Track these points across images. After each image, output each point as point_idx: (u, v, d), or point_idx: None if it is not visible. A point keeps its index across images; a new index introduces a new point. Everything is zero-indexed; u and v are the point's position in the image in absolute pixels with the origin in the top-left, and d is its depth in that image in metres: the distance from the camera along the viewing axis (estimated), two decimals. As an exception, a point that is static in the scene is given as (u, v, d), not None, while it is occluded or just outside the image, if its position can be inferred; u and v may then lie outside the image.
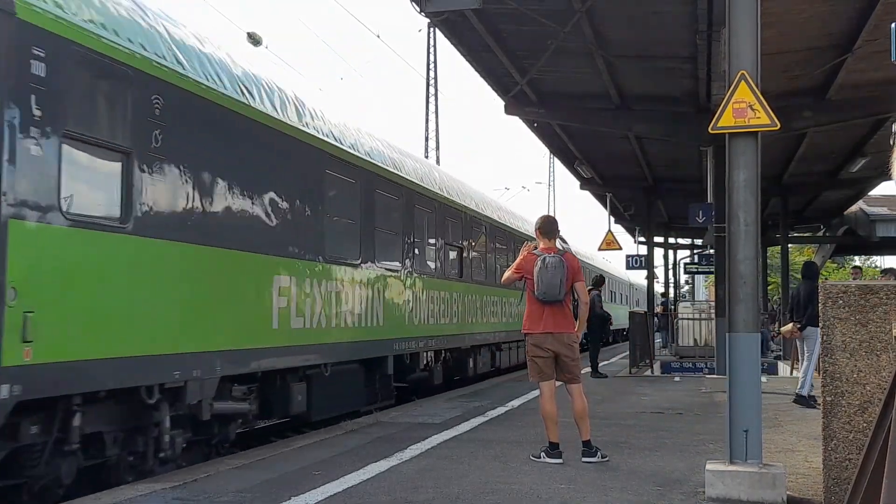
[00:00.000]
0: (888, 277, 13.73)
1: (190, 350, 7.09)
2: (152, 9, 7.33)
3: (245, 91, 8.22)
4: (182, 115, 7.13)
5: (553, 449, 7.44)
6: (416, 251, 12.86)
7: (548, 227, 7.68)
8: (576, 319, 7.68)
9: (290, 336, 8.83)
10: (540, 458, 7.41)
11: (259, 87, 8.62)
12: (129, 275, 6.45)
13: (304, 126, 9.34)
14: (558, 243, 7.70)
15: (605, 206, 28.14)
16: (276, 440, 10.32)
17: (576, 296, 7.63)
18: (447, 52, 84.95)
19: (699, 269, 37.01)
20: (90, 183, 6.31)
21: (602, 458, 7.41)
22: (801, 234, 38.64)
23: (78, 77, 6.03)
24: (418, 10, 12.31)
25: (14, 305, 5.35)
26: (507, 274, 7.81)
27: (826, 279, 31.91)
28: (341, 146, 10.25)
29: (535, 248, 7.65)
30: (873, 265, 61.55)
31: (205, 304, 7.37)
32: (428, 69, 41.37)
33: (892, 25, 5.97)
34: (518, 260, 7.69)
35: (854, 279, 16.70)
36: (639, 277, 44.86)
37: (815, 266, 13.16)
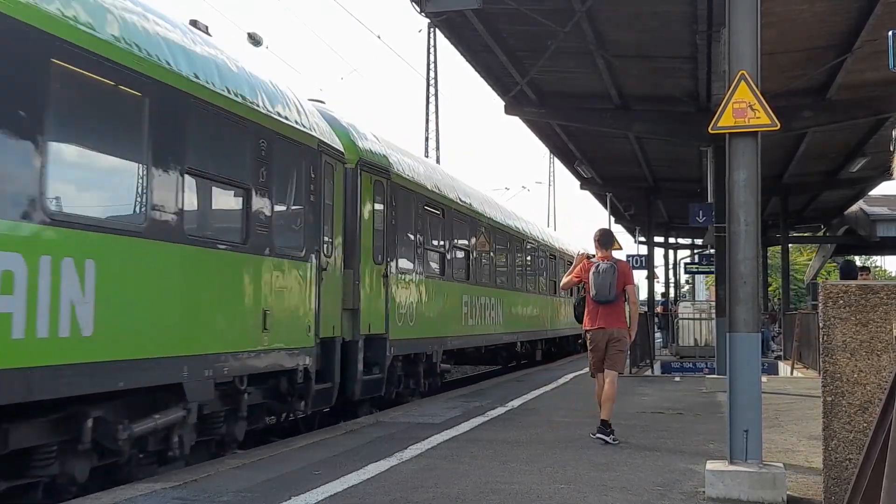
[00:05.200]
0: None
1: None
2: None
3: None
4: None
5: (605, 427, 8.45)
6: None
7: (604, 238, 9.02)
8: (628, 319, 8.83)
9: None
10: (595, 434, 8.45)
11: None
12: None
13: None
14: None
15: (605, 206, 28.11)
16: (275, 440, 10.32)
17: (626, 297, 8.70)
18: (447, 52, 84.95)
19: (699, 269, 37.04)
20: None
21: (613, 440, 8.30)
22: (801, 234, 38.63)
23: None
24: (418, 10, 12.30)
25: None
26: (565, 280, 9.24)
27: (826, 279, 31.90)
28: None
29: (590, 257, 9.08)
30: (874, 265, 61.58)
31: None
32: (428, 69, 41.40)
33: (889, 33, 5.97)
34: (577, 269, 9.00)
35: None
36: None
37: (853, 265, 13.09)
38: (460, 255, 15.73)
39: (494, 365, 21.68)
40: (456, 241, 15.21)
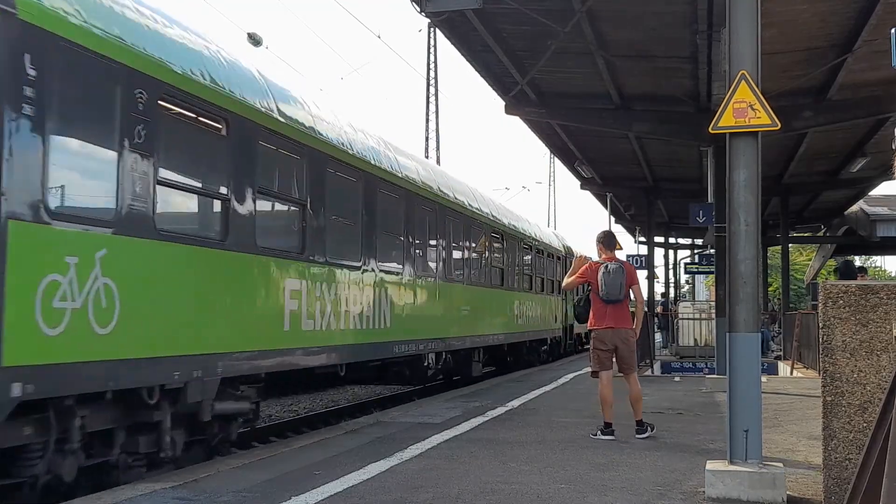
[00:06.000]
0: None
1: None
2: None
3: None
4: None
5: (607, 427, 8.68)
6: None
7: (608, 240, 9.37)
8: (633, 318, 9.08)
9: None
10: (596, 435, 8.66)
11: None
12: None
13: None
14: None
15: (605, 206, 28.15)
16: (275, 440, 10.32)
17: (632, 297, 9.05)
18: (447, 52, 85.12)
19: (699, 269, 37.04)
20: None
21: (651, 431, 8.71)
22: (801, 234, 38.62)
23: None
24: (418, 10, 12.30)
25: None
26: (569, 280, 9.28)
27: (827, 279, 31.89)
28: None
29: (587, 259, 9.41)
30: (874, 265, 61.60)
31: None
32: (428, 69, 41.40)
33: (892, 31, 5.96)
34: (582, 269, 9.12)
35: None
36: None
37: (852, 265, 13.06)
38: (279, 208, 9.26)
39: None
40: (267, 183, 8.69)
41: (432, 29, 37.47)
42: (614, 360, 8.98)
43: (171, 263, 7.07)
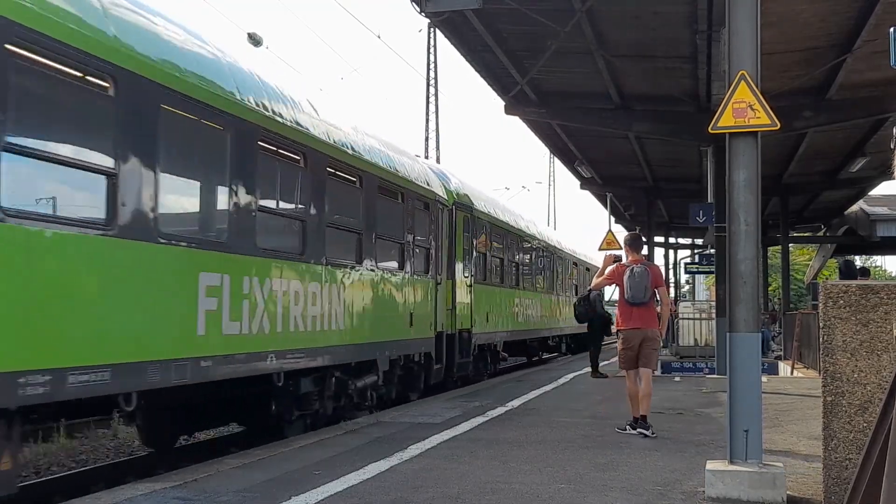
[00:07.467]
0: None
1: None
2: None
3: None
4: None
5: (636, 422, 9.03)
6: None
7: (635, 243, 9.63)
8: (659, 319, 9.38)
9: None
10: (625, 429, 9.03)
11: None
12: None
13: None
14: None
15: (605, 206, 28.11)
16: (275, 440, 10.31)
17: (658, 299, 9.33)
18: (447, 52, 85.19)
19: (699, 269, 36.96)
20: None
21: (652, 433, 8.79)
22: (801, 234, 38.60)
23: None
24: (418, 10, 12.30)
25: None
26: (597, 281, 9.90)
27: (827, 279, 31.89)
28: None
29: (618, 258, 9.85)
30: (874, 265, 61.56)
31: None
32: (428, 69, 41.42)
33: (891, 30, 5.97)
34: (609, 270, 9.60)
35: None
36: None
37: (853, 265, 13.05)
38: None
39: None
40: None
41: (432, 29, 37.50)
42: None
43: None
